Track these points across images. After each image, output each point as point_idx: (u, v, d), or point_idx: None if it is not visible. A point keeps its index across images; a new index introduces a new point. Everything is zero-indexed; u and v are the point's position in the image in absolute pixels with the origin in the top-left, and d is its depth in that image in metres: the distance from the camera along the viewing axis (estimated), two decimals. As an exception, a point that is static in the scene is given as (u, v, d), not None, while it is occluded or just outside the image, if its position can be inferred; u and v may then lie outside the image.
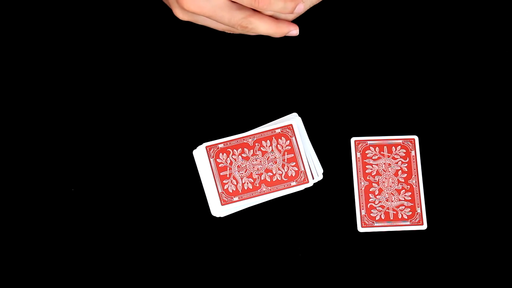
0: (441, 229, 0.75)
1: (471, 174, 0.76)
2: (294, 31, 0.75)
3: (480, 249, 0.74)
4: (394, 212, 0.75)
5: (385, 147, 0.77)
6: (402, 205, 0.75)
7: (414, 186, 0.76)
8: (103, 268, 0.74)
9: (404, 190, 0.76)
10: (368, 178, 0.76)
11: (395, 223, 0.75)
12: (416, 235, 0.75)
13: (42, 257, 0.74)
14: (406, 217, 0.75)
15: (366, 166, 0.77)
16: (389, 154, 0.77)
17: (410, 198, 0.76)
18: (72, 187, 0.76)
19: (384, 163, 0.77)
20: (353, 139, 0.77)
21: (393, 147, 0.77)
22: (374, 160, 0.77)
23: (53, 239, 0.75)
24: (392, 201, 0.76)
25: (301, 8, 0.74)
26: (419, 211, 0.75)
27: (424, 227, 0.75)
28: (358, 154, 0.77)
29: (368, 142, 0.77)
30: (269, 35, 0.75)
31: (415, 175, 0.76)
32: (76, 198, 0.76)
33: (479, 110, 0.78)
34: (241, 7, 0.72)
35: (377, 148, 0.77)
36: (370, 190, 0.76)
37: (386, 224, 0.75)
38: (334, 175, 0.76)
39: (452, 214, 0.75)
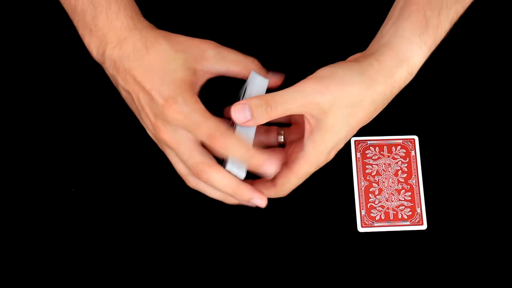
0: (441, 229, 0.75)
1: (471, 174, 0.76)
2: (258, 200, 0.65)
3: (479, 249, 0.75)
4: (394, 212, 0.75)
5: (385, 147, 0.77)
6: (402, 205, 0.75)
7: (414, 186, 0.76)
8: (104, 267, 0.74)
9: (404, 190, 0.76)
10: (368, 178, 0.76)
11: (395, 223, 0.75)
12: (416, 235, 0.75)
13: (42, 257, 0.74)
14: (406, 217, 0.75)
15: (366, 166, 0.77)
16: (389, 154, 0.77)
17: (410, 198, 0.76)
18: (72, 187, 0.76)
19: (384, 163, 0.77)
20: (353, 139, 0.77)
21: (393, 147, 0.77)
22: (374, 160, 0.77)
23: (53, 239, 0.75)
24: (392, 201, 0.76)
25: (271, 170, 0.62)
26: (419, 211, 0.75)
27: (424, 227, 0.75)
28: (358, 154, 0.77)
29: (368, 142, 0.77)
30: (221, 199, 0.68)
31: (415, 175, 0.76)
32: (76, 198, 0.76)
33: (479, 111, 0.78)
34: (206, 152, 0.66)
35: (377, 148, 0.77)
36: (370, 190, 0.76)
37: (386, 224, 0.75)
38: (334, 175, 0.76)
39: (452, 214, 0.75)
